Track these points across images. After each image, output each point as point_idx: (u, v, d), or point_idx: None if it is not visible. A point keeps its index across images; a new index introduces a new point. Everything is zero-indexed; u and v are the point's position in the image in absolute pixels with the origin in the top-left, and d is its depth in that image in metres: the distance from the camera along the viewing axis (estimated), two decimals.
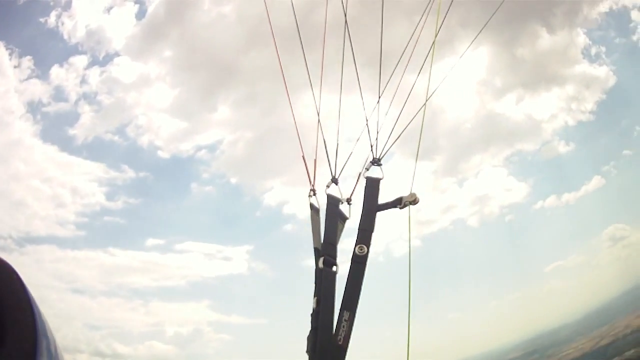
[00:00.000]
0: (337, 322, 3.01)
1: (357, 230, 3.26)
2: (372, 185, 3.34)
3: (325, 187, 3.52)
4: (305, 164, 3.63)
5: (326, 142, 3.65)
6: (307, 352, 3.08)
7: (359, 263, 3.14)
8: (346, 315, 3.02)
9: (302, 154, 3.66)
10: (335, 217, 3.38)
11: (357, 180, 3.44)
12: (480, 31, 3.85)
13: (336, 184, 3.53)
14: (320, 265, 3.20)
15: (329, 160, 3.59)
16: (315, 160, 3.62)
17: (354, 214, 3.42)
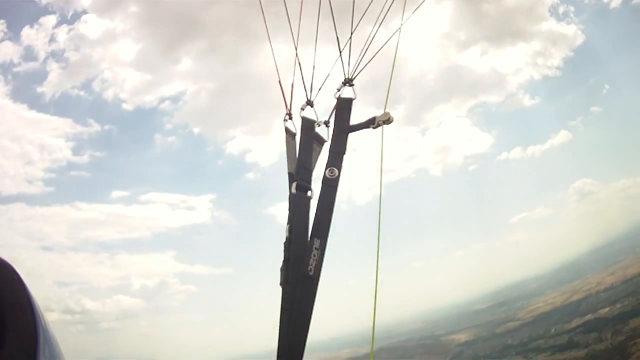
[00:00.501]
0: (307, 251, 2.87)
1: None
2: (344, 106, 3.23)
3: (300, 110, 3.42)
4: (281, 87, 3.52)
5: (301, 65, 3.53)
6: (280, 284, 2.97)
7: (329, 186, 3.01)
8: (316, 242, 2.88)
9: (278, 78, 3.52)
10: (310, 140, 3.28)
11: (337, 102, 3.30)
12: None
13: (311, 106, 3.42)
14: (293, 190, 3.08)
15: (303, 82, 3.45)
16: (292, 84, 3.52)
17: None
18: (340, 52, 3.37)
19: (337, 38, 3.40)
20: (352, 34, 3.39)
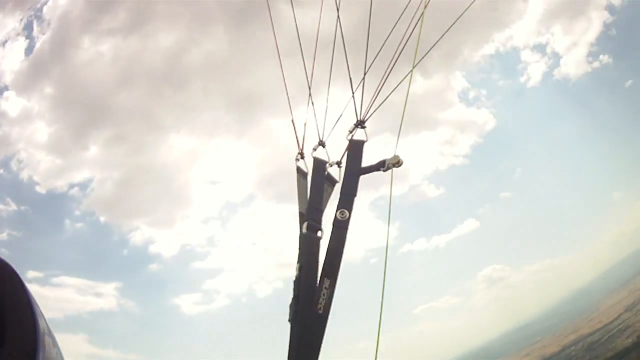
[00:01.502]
0: (318, 290, 2.91)
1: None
2: (356, 148, 3.26)
3: (312, 151, 3.46)
4: (294, 127, 3.57)
5: (314, 104, 3.58)
6: (289, 320, 3.00)
7: (340, 228, 3.03)
8: (326, 282, 2.92)
9: (291, 118, 3.59)
10: (321, 180, 3.30)
11: (350, 143, 3.32)
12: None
13: (323, 146, 3.47)
14: (304, 230, 3.09)
15: (316, 123, 3.48)
16: (305, 124, 3.57)
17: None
18: (353, 94, 3.42)
19: (350, 79, 3.46)
20: (365, 75, 3.44)
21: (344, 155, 3.33)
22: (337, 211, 3.08)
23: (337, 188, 3.26)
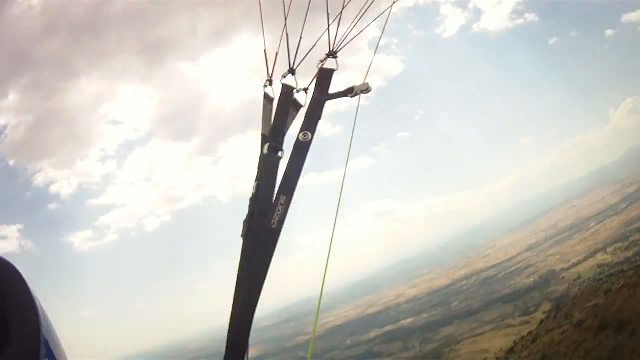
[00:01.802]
0: (273, 206, 2.98)
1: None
2: (325, 75, 3.34)
3: (281, 77, 3.46)
4: (265, 54, 3.52)
5: (288, 33, 3.54)
6: (241, 236, 3.04)
7: (301, 149, 3.12)
8: (282, 199, 3.00)
9: (264, 46, 3.49)
10: (287, 104, 3.35)
11: (319, 70, 3.39)
12: None
13: (293, 74, 3.46)
14: (265, 150, 3.16)
15: (288, 49, 3.42)
16: (276, 53, 3.49)
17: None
18: (329, 26, 3.45)
19: (328, 12, 3.47)
20: (343, 8, 3.47)
21: (311, 82, 3.39)
22: (300, 132, 3.17)
23: (302, 112, 3.31)
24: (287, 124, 3.31)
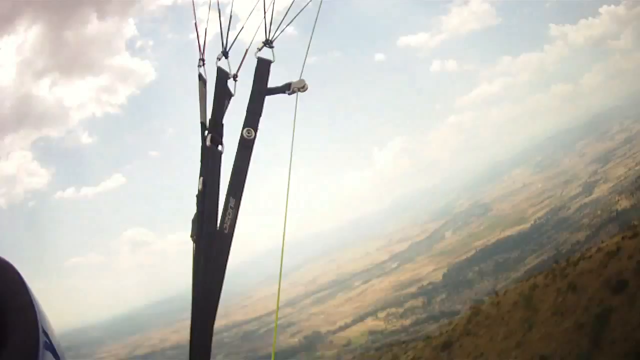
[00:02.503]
0: (223, 209, 2.94)
1: (245, 112, 3.19)
2: (263, 67, 3.30)
3: (216, 60, 3.36)
4: (197, 31, 3.42)
5: (220, 12, 3.42)
6: (191, 236, 2.94)
7: (246, 147, 3.08)
8: (232, 201, 2.95)
9: (194, 21, 3.43)
10: (224, 93, 3.26)
11: (244, 56, 3.35)
12: None
13: (226, 57, 3.37)
14: (208, 142, 3.07)
15: (221, 32, 3.39)
16: (206, 29, 3.44)
17: (238, 92, 3.32)
18: (265, 12, 3.43)
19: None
20: None
21: (239, 68, 3.34)
22: (243, 129, 3.11)
23: (233, 101, 3.27)
24: (223, 114, 3.24)
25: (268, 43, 3.39)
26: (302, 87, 3.32)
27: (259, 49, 3.36)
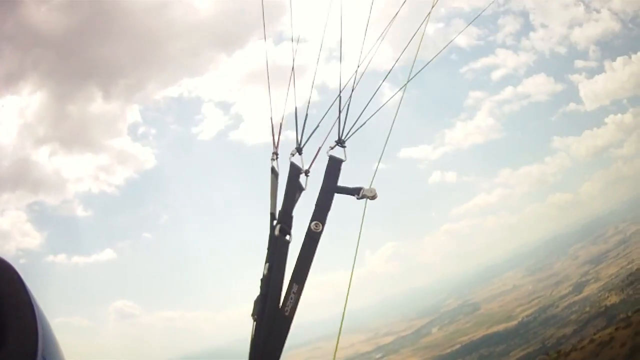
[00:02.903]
0: (286, 294, 3.12)
1: (314, 206, 3.35)
2: (334, 166, 3.43)
3: (290, 155, 3.51)
4: (272, 127, 3.63)
5: (297, 109, 3.54)
6: (252, 315, 3.15)
7: (313, 239, 3.25)
8: (295, 287, 3.13)
9: (270, 116, 3.65)
10: (295, 186, 3.42)
11: (317, 153, 3.50)
12: None
13: (300, 153, 3.51)
14: (277, 232, 3.25)
15: (296, 128, 3.53)
16: (280, 124, 3.53)
17: (309, 187, 3.47)
18: (340, 112, 3.52)
19: (340, 98, 3.52)
20: (350, 97, 3.59)
21: (311, 164, 3.52)
22: (311, 222, 3.29)
23: (304, 195, 3.46)
24: (293, 206, 3.40)
25: (340, 142, 3.52)
26: (372, 197, 3.39)
27: (331, 148, 3.50)
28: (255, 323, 3.13)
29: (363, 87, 3.72)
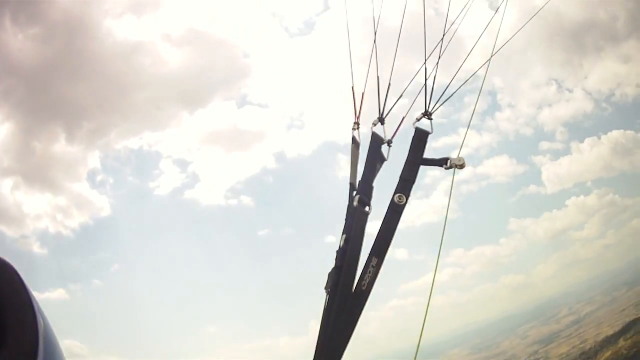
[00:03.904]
0: (364, 267, 2.98)
1: (398, 179, 3.23)
2: (420, 138, 3.30)
3: (372, 125, 3.40)
4: (354, 95, 3.50)
5: (379, 78, 3.44)
6: (325, 288, 3.02)
7: (396, 212, 3.12)
8: (374, 261, 2.99)
9: (352, 85, 3.48)
10: (376, 157, 3.32)
11: (400, 123, 3.39)
12: None
13: (382, 123, 3.40)
14: (356, 202, 3.14)
15: (379, 97, 3.46)
16: (362, 94, 3.46)
17: (392, 158, 3.38)
18: (425, 83, 3.40)
19: (426, 69, 3.41)
20: (436, 69, 3.45)
21: (394, 134, 3.39)
22: (395, 194, 3.15)
23: (385, 166, 3.36)
24: (374, 177, 3.30)
25: (427, 114, 3.39)
26: (460, 165, 3.26)
27: (418, 119, 3.38)
28: (327, 297, 3.01)
29: (448, 57, 3.55)
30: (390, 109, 3.45)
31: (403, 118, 3.38)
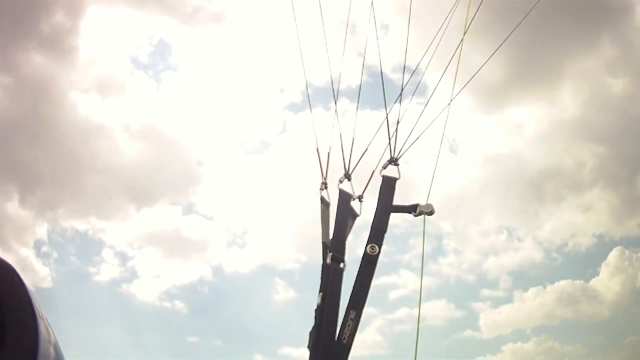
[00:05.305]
0: (343, 321, 3.01)
1: (369, 229, 3.23)
2: (388, 185, 3.31)
3: (338, 182, 3.44)
4: (319, 157, 3.53)
5: (342, 136, 3.54)
6: (308, 347, 3.03)
7: (369, 262, 3.13)
8: (352, 314, 3.01)
9: (316, 146, 3.57)
10: (346, 213, 3.32)
11: (370, 178, 3.39)
12: None
13: (349, 179, 3.44)
14: (328, 261, 3.16)
15: (343, 155, 3.54)
16: (328, 154, 3.56)
17: (364, 211, 3.38)
18: (389, 131, 3.46)
19: (387, 118, 3.46)
20: (399, 116, 3.48)
21: (365, 189, 3.40)
22: (367, 245, 3.16)
23: (357, 221, 3.36)
24: (346, 234, 3.29)
25: (393, 161, 3.39)
26: (429, 212, 3.23)
27: (384, 167, 3.39)
28: (310, 355, 3.01)
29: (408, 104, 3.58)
30: (356, 165, 3.47)
31: (373, 172, 3.36)
